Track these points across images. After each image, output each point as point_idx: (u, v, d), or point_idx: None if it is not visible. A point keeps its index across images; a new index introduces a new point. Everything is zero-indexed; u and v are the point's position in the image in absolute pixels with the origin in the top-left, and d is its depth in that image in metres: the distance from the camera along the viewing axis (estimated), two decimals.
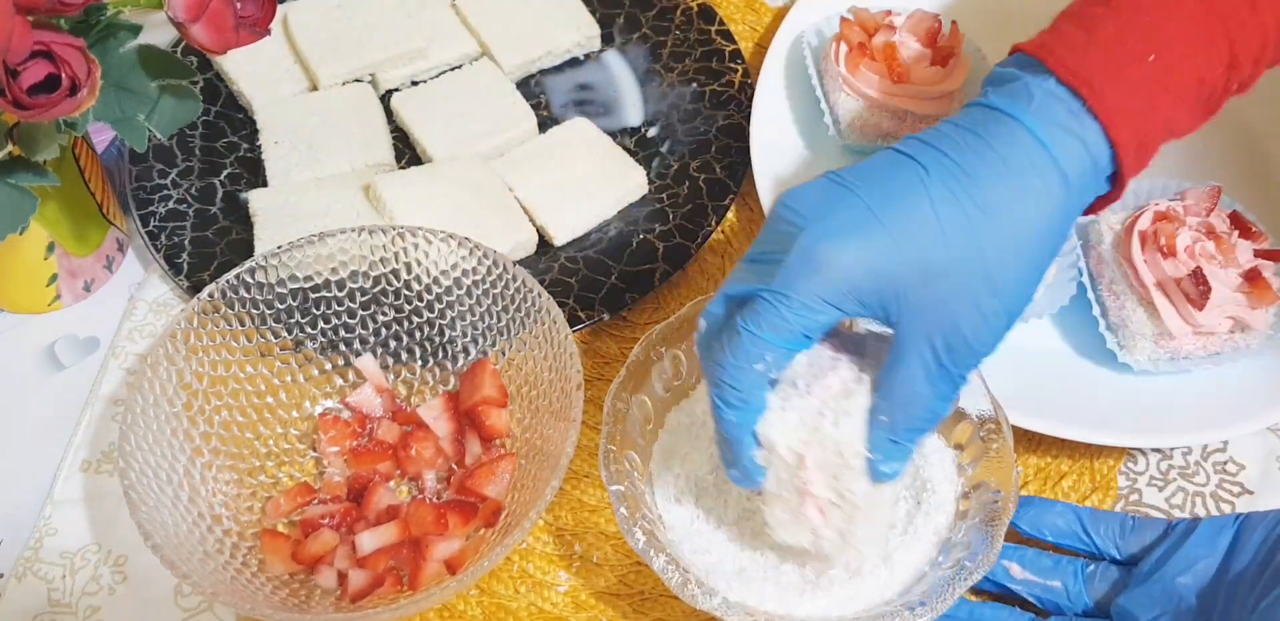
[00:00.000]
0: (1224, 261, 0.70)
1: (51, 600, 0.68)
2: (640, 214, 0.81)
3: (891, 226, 0.51)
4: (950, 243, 0.51)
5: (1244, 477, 0.73)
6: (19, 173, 0.64)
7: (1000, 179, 0.51)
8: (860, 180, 0.52)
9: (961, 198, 0.51)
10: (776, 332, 0.51)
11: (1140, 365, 0.72)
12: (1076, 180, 0.52)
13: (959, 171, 0.51)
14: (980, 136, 0.52)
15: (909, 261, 0.51)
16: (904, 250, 0.51)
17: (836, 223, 0.51)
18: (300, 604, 0.64)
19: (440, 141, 0.82)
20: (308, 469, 0.71)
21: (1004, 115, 0.52)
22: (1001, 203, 0.51)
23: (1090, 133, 0.52)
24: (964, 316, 0.51)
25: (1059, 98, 0.52)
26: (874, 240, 0.51)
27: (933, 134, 0.53)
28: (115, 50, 0.65)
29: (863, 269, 0.50)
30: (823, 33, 0.84)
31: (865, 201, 0.51)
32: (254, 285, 0.69)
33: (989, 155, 0.52)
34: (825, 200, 0.52)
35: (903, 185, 0.52)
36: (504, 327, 0.71)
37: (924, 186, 0.51)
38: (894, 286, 0.51)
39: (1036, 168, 0.51)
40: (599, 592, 0.69)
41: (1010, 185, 0.51)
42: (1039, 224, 0.52)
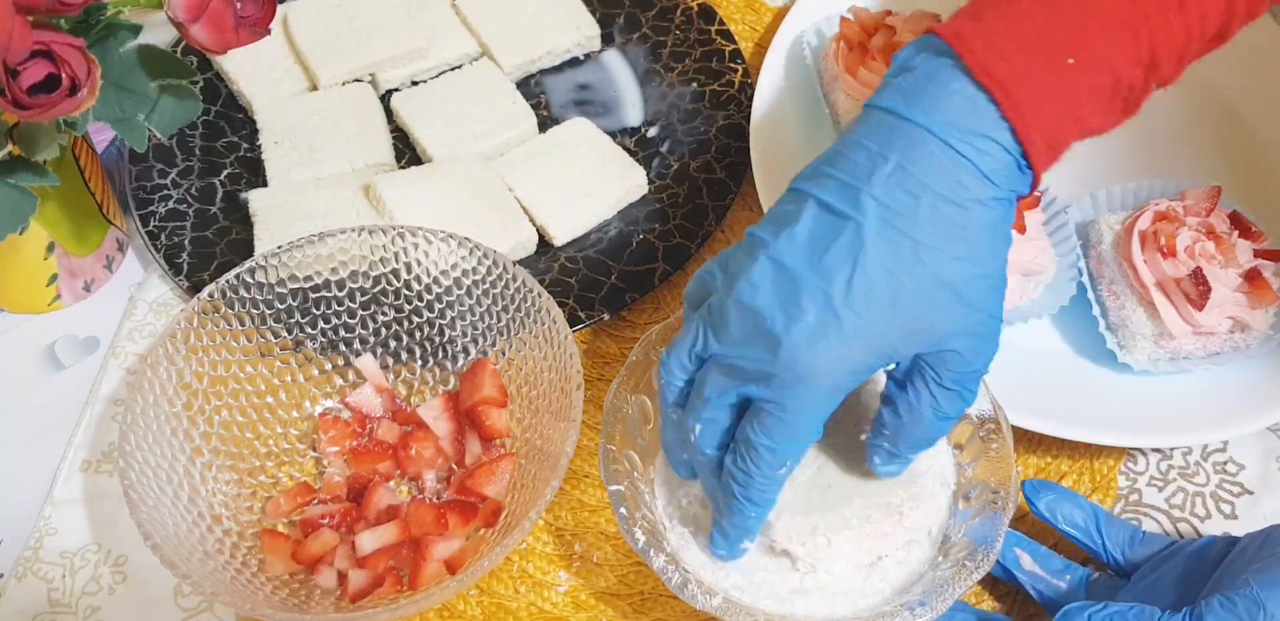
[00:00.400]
0: (1224, 261, 0.70)
1: (51, 600, 0.68)
2: (640, 214, 0.81)
3: (860, 309, 0.50)
4: (917, 292, 0.51)
5: (1244, 477, 0.73)
6: (19, 173, 0.64)
7: (937, 209, 0.50)
8: (803, 260, 0.51)
9: (907, 246, 0.50)
10: (794, 439, 0.53)
11: (1140, 365, 0.72)
12: (1002, 182, 0.51)
13: (895, 217, 0.50)
14: (900, 165, 0.50)
15: (891, 331, 0.51)
16: (881, 325, 0.51)
17: (807, 327, 0.50)
18: (300, 604, 0.64)
19: (440, 141, 0.82)
20: (308, 469, 0.71)
21: (917, 127, 0.51)
22: (945, 232, 0.50)
23: (1003, 135, 0.51)
24: (955, 343, 0.52)
25: (972, 101, 0.50)
26: (851, 331, 0.50)
27: (850, 170, 0.51)
28: (115, 50, 0.65)
29: (853, 360, 0.51)
30: (823, 33, 0.84)
31: (822, 290, 0.50)
32: (254, 285, 0.69)
33: (915, 187, 0.50)
34: (782, 294, 0.51)
35: (848, 255, 0.50)
36: (504, 327, 0.71)
37: (866, 250, 0.50)
38: (886, 354, 0.52)
39: (964, 184, 0.50)
40: (599, 592, 0.69)
41: (948, 211, 0.50)
42: (984, 234, 0.51)
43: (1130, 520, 0.71)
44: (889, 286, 0.50)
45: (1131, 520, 0.71)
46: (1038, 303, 0.73)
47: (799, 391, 0.51)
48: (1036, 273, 0.72)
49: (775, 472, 0.54)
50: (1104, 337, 0.73)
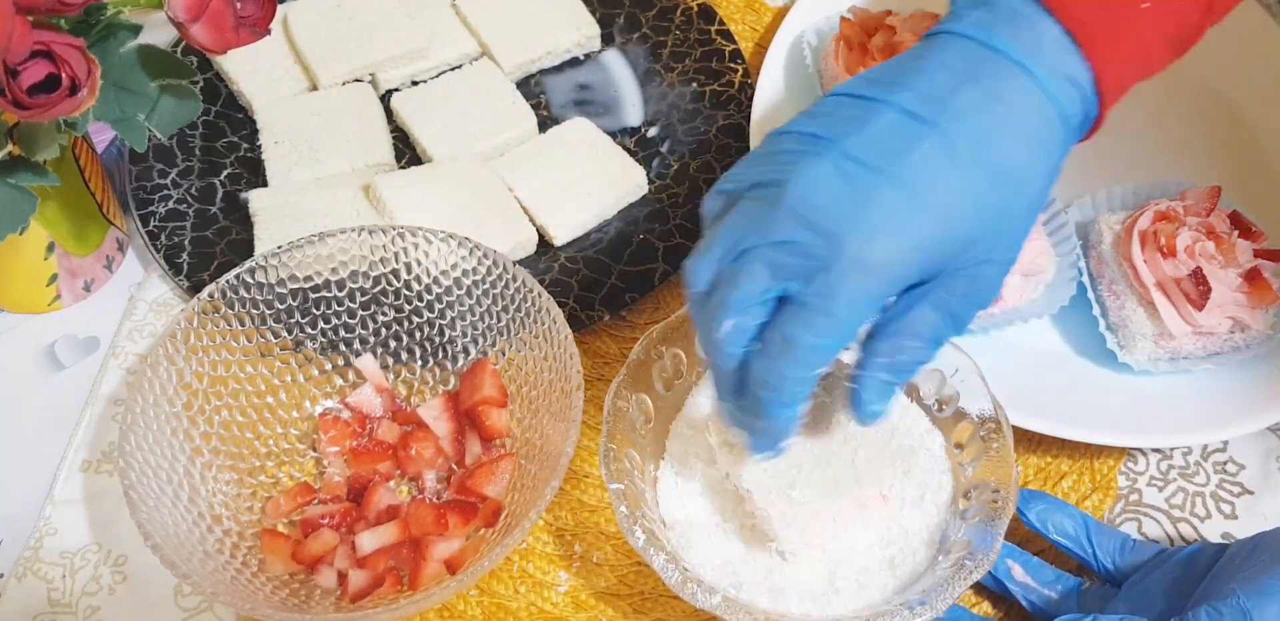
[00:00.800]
0: (1224, 261, 0.70)
1: (51, 600, 0.68)
2: (640, 214, 0.81)
3: (935, 211, 0.50)
4: (982, 212, 0.50)
5: (1244, 477, 0.73)
6: (19, 173, 0.64)
7: (1017, 140, 0.51)
8: (883, 159, 0.50)
9: (985, 165, 0.50)
10: (836, 336, 0.51)
11: (1140, 365, 0.72)
12: (1074, 125, 0.52)
13: (978, 136, 0.50)
14: (992, 93, 0.50)
15: (951, 238, 0.50)
16: (947, 230, 0.50)
17: (879, 219, 0.49)
18: (300, 604, 0.64)
19: (440, 141, 0.82)
20: (308, 469, 0.71)
21: (1008, 61, 0.51)
22: (1019, 163, 0.51)
23: (1084, 80, 0.51)
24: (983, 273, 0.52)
25: (1058, 43, 0.51)
26: (923, 230, 0.50)
27: (929, 86, 0.51)
28: (115, 50, 0.64)
29: (915, 259, 0.50)
30: (823, 33, 0.84)
31: (901, 188, 0.49)
32: (254, 285, 0.69)
33: (1002, 114, 0.50)
34: (849, 194, 0.49)
35: (931, 160, 0.50)
36: (504, 327, 0.71)
37: (952, 159, 0.50)
38: (936, 263, 0.51)
39: (1046, 122, 0.51)
40: (599, 592, 0.69)
41: (1025, 144, 0.51)
42: (1046, 176, 0.52)
43: (1130, 520, 0.72)
44: (965, 195, 0.50)
45: (1131, 520, 0.72)
46: (1038, 303, 0.73)
47: (859, 287, 0.49)
48: (1036, 273, 0.72)
49: (812, 373, 0.52)
50: (1104, 338, 0.73)
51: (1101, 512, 0.71)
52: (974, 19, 0.52)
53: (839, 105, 0.52)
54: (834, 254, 0.49)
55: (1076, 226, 0.76)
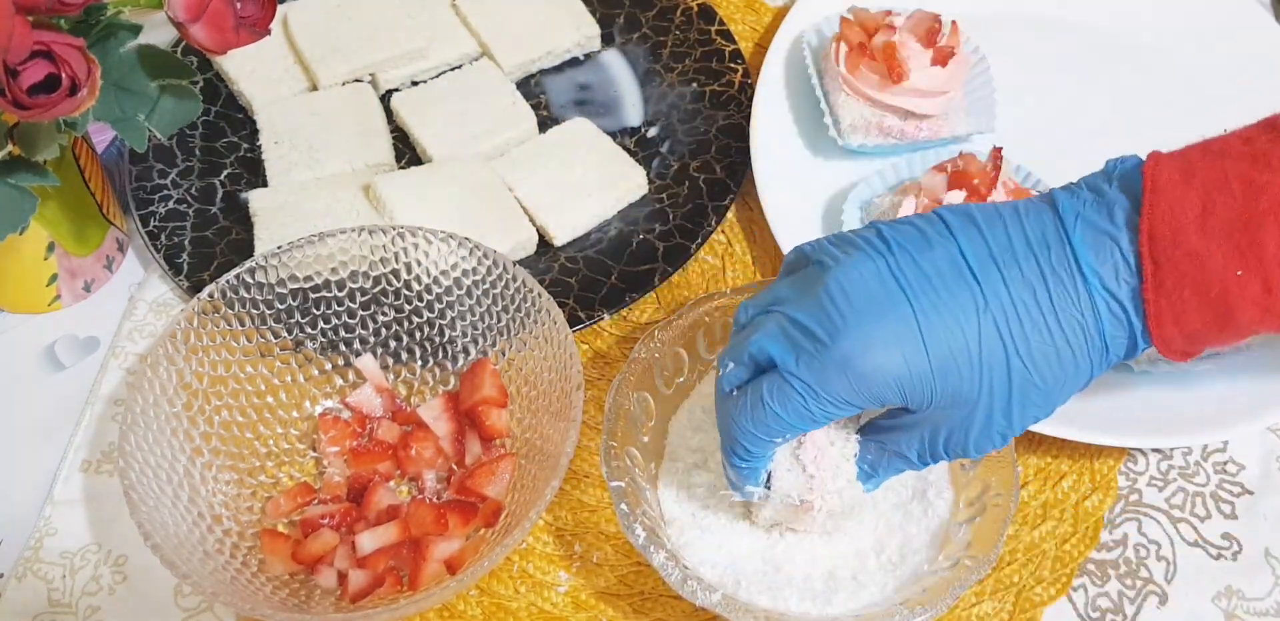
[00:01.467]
0: None
1: (51, 600, 0.68)
2: (640, 214, 0.81)
3: (934, 352, 0.51)
4: (983, 381, 0.51)
5: (1244, 477, 0.73)
6: (19, 173, 0.64)
7: (1051, 346, 0.51)
8: (919, 288, 0.51)
9: (1009, 344, 0.51)
10: (800, 419, 0.53)
11: (1140, 365, 0.72)
12: (1115, 356, 0.52)
13: (1017, 318, 0.51)
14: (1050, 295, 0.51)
15: (940, 391, 0.52)
16: (939, 380, 0.51)
17: (883, 332, 0.51)
18: (300, 604, 0.64)
19: (440, 141, 0.82)
20: (308, 469, 0.71)
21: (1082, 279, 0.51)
22: (1043, 364, 0.51)
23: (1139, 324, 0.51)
24: (975, 433, 0.53)
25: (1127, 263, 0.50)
26: (913, 362, 0.51)
27: (1003, 244, 0.52)
28: (115, 50, 0.64)
29: (895, 385, 0.51)
30: (823, 33, 0.84)
31: (917, 318, 0.51)
32: (254, 285, 0.69)
33: (1050, 320, 0.51)
34: (878, 300, 0.51)
35: (959, 313, 0.51)
36: (504, 327, 0.71)
37: (977, 323, 0.51)
38: (918, 400, 0.52)
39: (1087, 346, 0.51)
40: (599, 592, 0.69)
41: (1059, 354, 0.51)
42: (1072, 386, 0.53)
43: (1130, 520, 0.72)
44: (971, 358, 0.51)
45: (1131, 520, 0.72)
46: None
47: (835, 384, 0.52)
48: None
49: (773, 439, 0.55)
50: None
51: (1101, 512, 0.71)
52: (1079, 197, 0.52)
53: (921, 221, 0.54)
54: (829, 346, 0.51)
55: None
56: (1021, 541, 0.70)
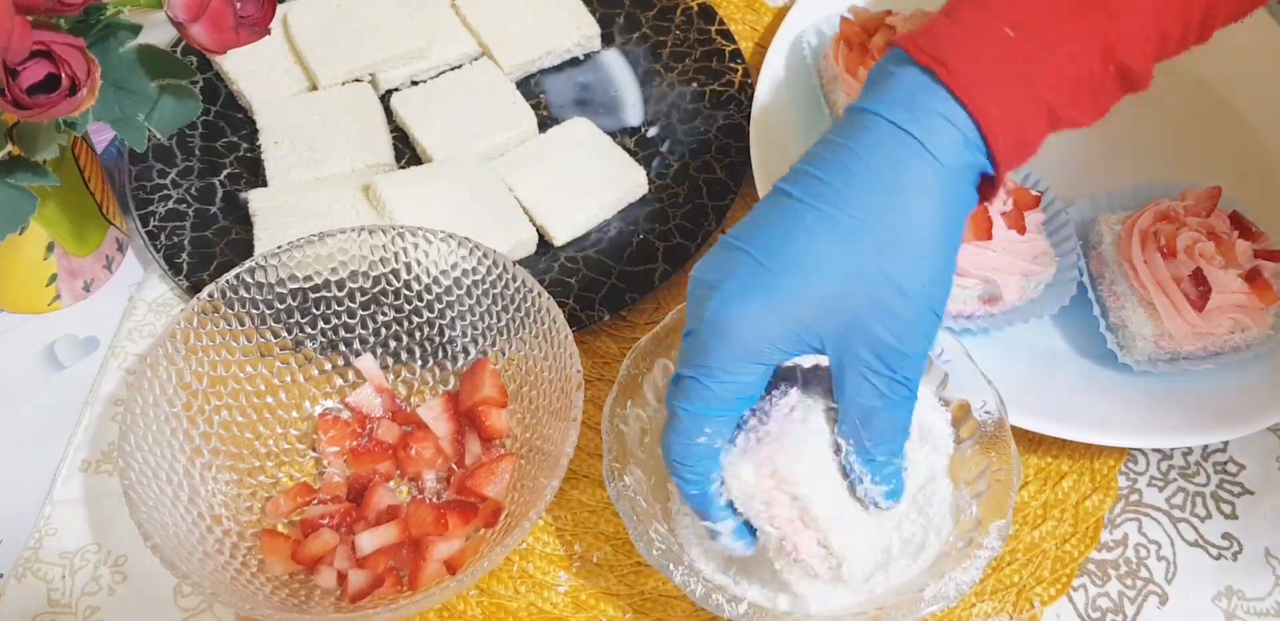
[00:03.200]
0: (1224, 262, 0.70)
1: (51, 600, 0.68)
2: (640, 214, 0.81)
3: (781, 272, 0.51)
4: (841, 264, 0.51)
5: (1244, 477, 0.73)
6: (19, 173, 0.64)
7: (869, 184, 0.51)
8: (748, 233, 0.53)
9: (838, 217, 0.51)
10: (708, 404, 0.53)
11: (1140, 365, 0.72)
12: (949, 159, 0.51)
13: (829, 190, 0.51)
14: (844, 144, 0.52)
15: (809, 298, 0.51)
16: (800, 289, 0.51)
17: (734, 285, 0.52)
18: (300, 604, 0.64)
19: (440, 141, 0.82)
20: (308, 469, 0.71)
21: (866, 112, 0.52)
22: (877, 207, 0.51)
23: (953, 110, 0.51)
24: (879, 324, 0.51)
25: (918, 82, 0.52)
26: (769, 291, 0.51)
27: (807, 156, 0.53)
28: (115, 50, 0.64)
29: (768, 321, 0.51)
30: (823, 33, 0.84)
31: (754, 255, 0.52)
32: (254, 285, 0.69)
33: (852, 162, 0.51)
34: (721, 265, 0.53)
35: (783, 226, 0.52)
36: (504, 327, 0.71)
37: (800, 220, 0.52)
38: (804, 324, 0.51)
39: (901, 159, 0.51)
40: (599, 592, 0.69)
41: (881, 186, 0.51)
42: (921, 214, 0.51)
43: (1130, 520, 0.72)
44: (811, 256, 0.51)
45: (1132, 520, 0.72)
46: (1038, 303, 0.73)
47: (718, 351, 0.52)
48: (1037, 273, 0.72)
49: (694, 439, 0.54)
50: (1104, 338, 0.73)
51: (1101, 512, 0.71)
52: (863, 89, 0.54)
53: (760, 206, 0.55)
54: (698, 327, 0.52)
55: (1076, 226, 0.76)
56: (1021, 541, 0.70)
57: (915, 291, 0.51)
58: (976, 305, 0.72)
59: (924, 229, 0.51)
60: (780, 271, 0.51)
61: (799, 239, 0.51)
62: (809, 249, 0.51)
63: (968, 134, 0.51)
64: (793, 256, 0.51)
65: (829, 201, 0.51)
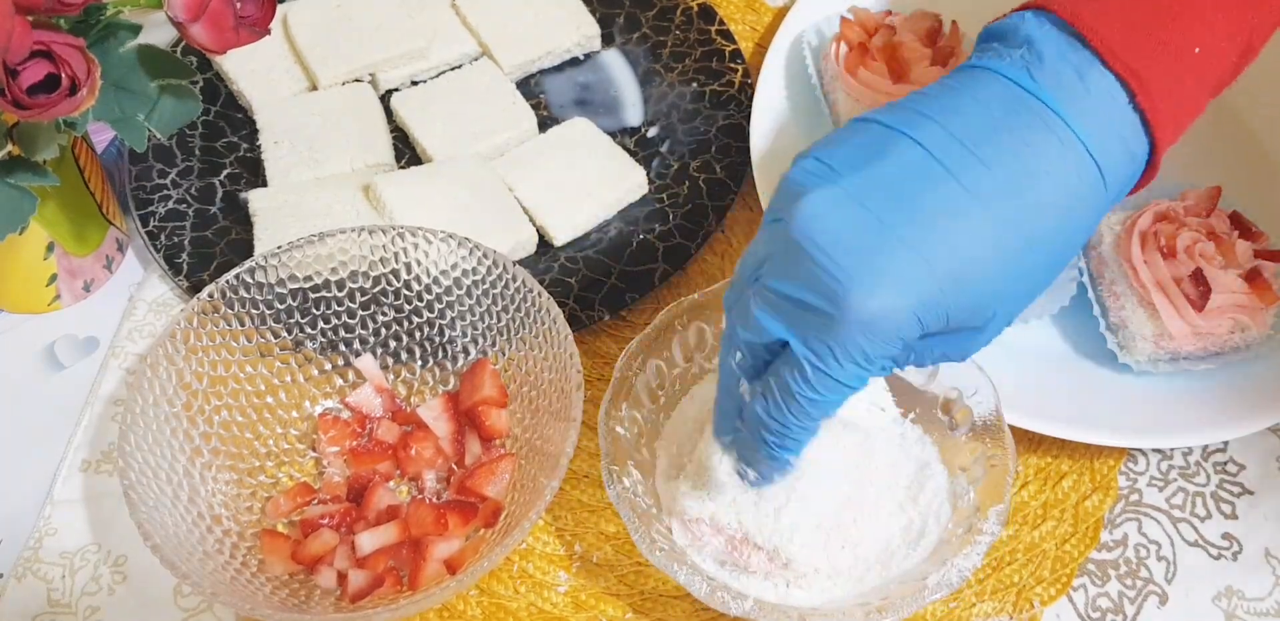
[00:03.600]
0: (1224, 262, 0.70)
1: (51, 600, 0.68)
2: (640, 214, 0.81)
3: (945, 274, 0.46)
4: (999, 278, 0.47)
5: (1244, 477, 0.73)
6: (19, 173, 0.64)
7: (1049, 201, 0.46)
8: (893, 209, 0.46)
9: (1009, 226, 0.46)
10: (839, 393, 0.48)
11: (1140, 365, 0.72)
12: (1116, 183, 0.48)
13: (1000, 188, 0.46)
14: (1026, 142, 0.46)
15: (960, 304, 0.47)
16: (958, 294, 0.46)
17: (883, 274, 0.45)
18: (300, 604, 0.64)
19: (440, 141, 0.82)
20: (308, 469, 0.71)
21: (1048, 111, 0.47)
22: (1048, 228, 0.47)
23: (1134, 132, 0.47)
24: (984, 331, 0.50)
25: (1110, 94, 0.47)
26: (929, 294, 0.46)
27: (961, 124, 0.47)
28: (115, 50, 0.64)
29: (918, 320, 0.46)
30: (823, 33, 0.84)
31: (910, 247, 0.45)
32: (254, 285, 0.69)
33: (1035, 170, 0.46)
34: (861, 237, 0.46)
35: (946, 214, 0.46)
36: (504, 327, 0.71)
37: (970, 216, 0.46)
38: (941, 323, 0.48)
39: (1085, 182, 0.47)
40: (599, 592, 0.69)
41: (1057, 206, 0.47)
42: (1077, 240, 0.49)
43: (1130, 520, 0.72)
44: (981, 259, 0.46)
45: (1131, 520, 0.72)
46: (1038, 303, 0.73)
47: (854, 342, 0.46)
48: None
49: (814, 423, 0.50)
50: (1104, 338, 0.73)
51: (1101, 512, 0.71)
52: (1013, 59, 0.48)
53: (856, 133, 0.48)
54: (834, 314, 0.46)
55: None
56: (1021, 541, 0.70)
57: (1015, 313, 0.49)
58: None
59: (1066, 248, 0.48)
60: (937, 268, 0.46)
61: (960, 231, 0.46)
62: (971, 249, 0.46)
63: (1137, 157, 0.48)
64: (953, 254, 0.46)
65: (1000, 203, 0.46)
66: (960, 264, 0.46)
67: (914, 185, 0.46)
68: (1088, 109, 0.47)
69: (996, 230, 0.46)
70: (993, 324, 0.49)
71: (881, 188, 0.46)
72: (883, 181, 0.46)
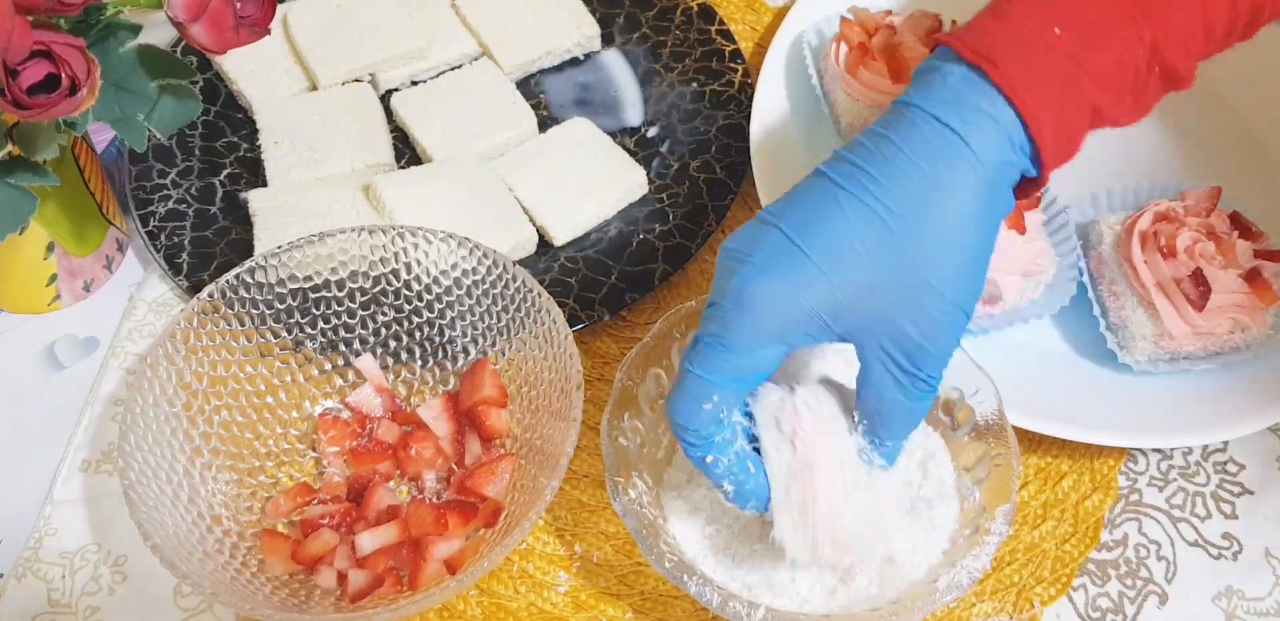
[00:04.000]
0: (1224, 262, 0.70)
1: (51, 600, 0.68)
2: (640, 214, 0.81)
3: (814, 254, 0.51)
4: (875, 256, 0.51)
5: (1244, 477, 0.73)
6: (19, 173, 0.64)
7: (909, 177, 0.51)
8: (784, 212, 0.53)
9: (876, 208, 0.51)
10: (720, 373, 0.53)
11: (1140, 365, 0.72)
12: (991, 158, 0.51)
13: (870, 180, 0.51)
14: (888, 137, 0.52)
15: (839, 284, 0.51)
16: (831, 275, 0.51)
17: (762, 260, 0.52)
18: (300, 604, 0.64)
19: (440, 141, 0.82)
20: (308, 469, 0.71)
21: (911, 107, 0.52)
22: (915, 202, 0.51)
23: (999, 108, 0.51)
24: (908, 321, 0.51)
25: (966, 79, 0.52)
26: (799, 272, 0.51)
27: (850, 145, 0.53)
28: (115, 50, 0.64)
29: (794, 302, 0.51)
30: (823, 33, 0.84)
31: (787, 234, 0.52)
32: (254, 285, 0.69)
33: (896, 155, 0.51)
34: (754, 238, 0.53)
35: (821, 209, 0.52)
36: (504, 327, 0.71)
37: (839, 205, 0.51)
38: (831, 310, 0.51)
39: (944, 155, 0.51)
40: (599, 592, 0.69)
41: (921, 181, 0.51)
42: (959, 213, 0.51)
43: (1130, 520, 0.72)
44: (845, 243, 0.51)
45: (1132, 520, 0.72)
46: (1038, 303, 0.73)
47: (739, 325, 0.52)
48: (1037, 273, 0.72)
49: (700, 405, 0.53)
50: (1104, 338, 0.73)
51: (1101, 512, 0.71)
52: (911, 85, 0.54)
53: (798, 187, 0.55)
54: (725, 293, 0.52)
55: (1077, 227, 0.76)
56: (1021, 541, 0.70)
57: (947, 291, 0.51)
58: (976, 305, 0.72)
59: (961, 227, 0.51)
60: (812, 253, 0.51)
61: (835, 223, 0.51)
62: (843, 235, 0.51)
63: (1012, 133, 0.52)
64: (826, 240, 0.51)
65: (868, 190, 0.51)
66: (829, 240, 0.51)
67: (808, 200, 0.53)
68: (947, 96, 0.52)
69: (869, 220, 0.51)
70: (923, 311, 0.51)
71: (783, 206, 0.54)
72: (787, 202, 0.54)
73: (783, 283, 0.51)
